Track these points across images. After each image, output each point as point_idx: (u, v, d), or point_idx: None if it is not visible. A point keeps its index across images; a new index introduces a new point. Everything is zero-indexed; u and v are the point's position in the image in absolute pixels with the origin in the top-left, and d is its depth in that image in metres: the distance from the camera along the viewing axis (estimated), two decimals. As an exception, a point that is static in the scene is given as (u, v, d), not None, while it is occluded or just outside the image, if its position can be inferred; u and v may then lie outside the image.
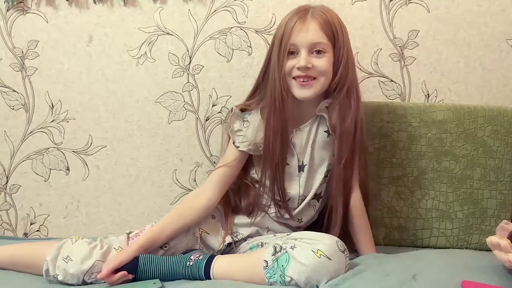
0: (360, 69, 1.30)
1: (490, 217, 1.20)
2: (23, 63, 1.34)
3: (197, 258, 0.99)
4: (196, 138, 1.35)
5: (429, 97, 1.32)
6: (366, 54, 1.31)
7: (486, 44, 1.30)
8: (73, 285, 1.02)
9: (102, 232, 1.36)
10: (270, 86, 1.06)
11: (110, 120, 1.35)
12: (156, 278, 0.98)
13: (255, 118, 1.09)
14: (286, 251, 0.93)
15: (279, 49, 1.04)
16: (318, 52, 1.03)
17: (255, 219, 1.11)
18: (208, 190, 1.09)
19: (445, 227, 1.21)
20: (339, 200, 1.08)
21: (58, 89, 1.34)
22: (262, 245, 1.06)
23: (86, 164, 1.36)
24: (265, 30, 1.30)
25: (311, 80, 1.03)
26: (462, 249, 1.20)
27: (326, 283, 0.89)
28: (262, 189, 1.10)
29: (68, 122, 1.35)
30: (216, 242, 1.10)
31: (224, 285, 0.93)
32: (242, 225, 1.12)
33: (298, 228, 1.13)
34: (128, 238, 1.07)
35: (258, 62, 1.30)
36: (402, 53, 1.31)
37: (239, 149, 1.09)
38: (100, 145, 1.36)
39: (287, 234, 1.03)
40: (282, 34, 1.04)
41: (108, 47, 1.32)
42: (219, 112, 1.33)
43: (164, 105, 1.34)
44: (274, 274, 0.92)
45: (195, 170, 1.36)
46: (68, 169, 1.37)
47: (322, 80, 1.04)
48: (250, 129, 1.08)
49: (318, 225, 1.15)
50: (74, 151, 1.36)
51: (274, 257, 0.93)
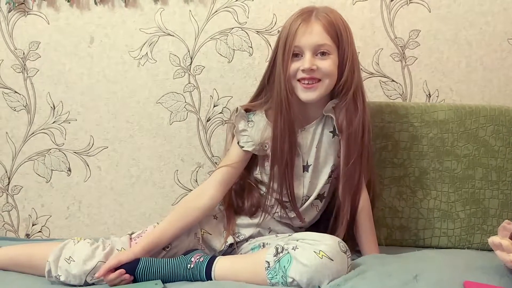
0: (361, 69, 1.30)
1: (492, 217, 1.20)
2: (25, 65, 1.34)
3: (197, 260, 0.98)
4: (197, 138, 1.35)
5: (430, 97, 1.32)
6: (367, 54, 1.31)
7: (488, 43, 1.29)
8: (75, 286, 1.02)
9: (104, 233, 1.36)
10: (276, 88, 1.06)
11: (112, 121, 1.35)
12: (158, 278, 0.98)
13: (260, 119, 1.09)
14: (288, 252, 0.93)
15: (284, 51, 1.03)
16: (323, 54, 1.02)
17: (260, 221, 1.11)
18: (210, 189, 1.08)
19: (447, 227, 1.21)
20: (347, 201, 1.07)
21: (60, 90, 1.34)
22: (264, 245, 1.06)
23: (88, 165, 1.37)
24: (266, 30, 1.30)
25: (316, 82, 1.03)
26: (464, 249, 1.20)
27: (328, 284, 0.89)
28: (269, 189, 1.09)
29: (69, 123, 1.35)
30: (218, 243, 1.10)
31: (226, 285, 0.92)
32: (244, 225, 1.12)
33: (300, 228, 1.13)
34: (130, 239, 1.07)
35: (259, 62, 1.30)
36: (403, 53, 1.31)
37: (244, 149, 1.09)
38: (101, 146, 1.36)
39: (289, 235, 1.03)
40: (286, 36, 1.03)
41: (109, 48, 1.33)
42: (220, 112, 1.34)
43: (165, 105, 1.34)
44: (276, 275, 0.92)
45: (197, 171, 1.36)
46: (69, 170, 1.37)
47: (327, 82, 1.03)
48: (255, 129, 1.08)
49: (321, 226, 1.15)
50: (75, 152, 1.36)
51: (276, 258, 0.93)
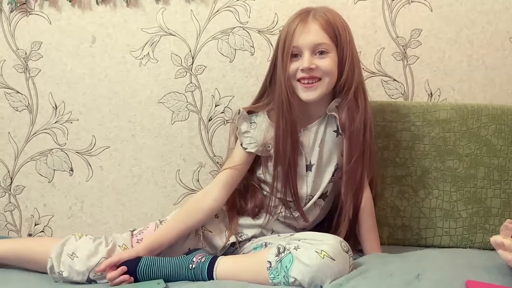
0: (363, 68, 1.30)
1: (494, 216, 1.20)
2: (27, 65, 1.34)
3: (199, 261, 0.99)
4: (199, 138, 1.35)
5: (432, 96, 1.32)
6: (368, 54, 1.30)
7: (490, 42, 1.29)
8: (77, 282, 1.02)
9: (106, 232, 1.34)
10: (277, 89, 1.06)
11: (114, 120, 1.35)
12: (160, 277, 0.98)
13: (262, 120, 1.09)
14: (290, 252, 0.93)
15: (283, 52, 1.04)
16: (321, 52, 1.03)
17: (264, 222, 1.11)
18: (214, 191, 1.09)
19: (449, 226, 1.21)
20: (349, 200, 1.07)
21: (62, 90, 1.35)
22: (266, 245, 1.06)
23: (90, 164, 1.37)
24: (267, 30, 1.30)
25: (316, 82, 1.03)
26: (466, 248, 1.20)
27: (330, 284, 0.89)
28: (272, 190, 1.09)
29: (71, 123, 1.36)
30: (219, 241, 1.10)
31: (227, 285, 0.93)
32: (246, 226, 1.12)
33: (303, 229, 1.13)
34: (132, 235, 1.08)
35: (261, 62, 1.30)
36: (405, 52, 1.31)
37: (247, 150, 1.09)
38: (103, 145, 1.36)
39: (291, 235, 1.03)
40: (285, 37, 1.04)
41: (111, 48, 1.33)
42: (222, 112, 1.34)
43: (167, 105, 1.34)
44: (278, 275, 0.92)
45: (198, 170, 1.36)
46: (71, 170, 1.37)
47: (327, 80, 1.04)
48: (258, 130, 1.09)
49: (324, 224, 1.15)
50: (77, 152, 1.37)
51: (277, 258, 0.93)
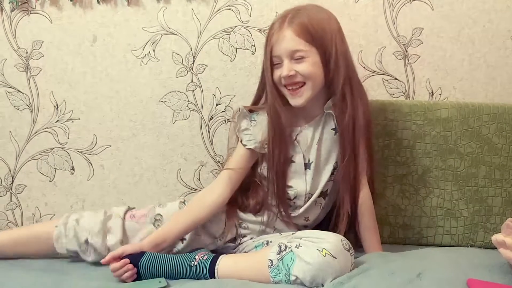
0: (364, 67, 1.30)
1: (495, 215, 1.20)
2: (28, 64, 1.35)
3: (201, 258, 0.99)
4: (200, 137, 1.35)
5: (433, 95, 1.32)
6: (370, 52, 1.30)
7: (491, 41, 1.29)
8: (78, 256, 1.09)
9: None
10: (267, 95, 1.09)
11: (115, 119, 1.35)
12: (160, 277, 0.98)
13: (263, 118, 1.10)
14: (291, 250, 0.93)
15: (265, 60, 1.07)
16: (299, 57, 1.03)
17: (266, 220, 1.11)
18: (218, 187, 1.10)
19: (450, 225, 1.21)
20: (346, 198, 1.08)
21: (63, 89, 1.35)
22: (267, 243, 1.07)
23: (91, 163, 1.37)
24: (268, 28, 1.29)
25: (300, 87, 1.04)
26: (467, 247, 1.20)
27: (331, 282, 0.89)
28: (268, 187, 1.10)
29: (72, 122, 1.36)
30: (218, 229, 1.11)
31: (229, 283, 0.93)
32: (249, 220, 1.13)
33: (305, 227, 1.13)
34: (128, 210, 1.15)
35: (262, 61, 1.30)
36: (406, 51, 1.30)
37: (247, 147, 1.10)
38: (104, 144, 1.36)
39: (292, 233, 1.04)
40: (265, 46, 1.07)
41: (112, 47, 1.33)
42: (223, 111, 1.34)
43: (168, 104, 1.34)
44: (279, 273, 0.92)
45: (199, 169, 1.36)
46: (73, 169, 1.37)
47: (311, 84, 1.04)
48: (258, 128, 1.09)
49: (324, 223, 1.15)
50: (79, 151, 1.37)
51: (279, 256, 0.93)
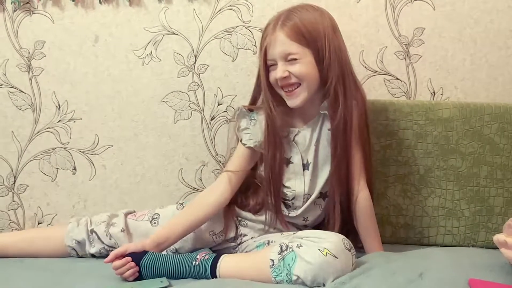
0: (365, 67, 1.30)
1: (497, 215, 1.20)
2: (30, 64, 1.35)
3: (203, 258, 0.99)
4: (201, 137, 1.35)
5: (435, 94, 1.32)
6: (371, 52, 1.30)
7: (493, 41, 1.29)
8: (85, 253, 1.15)
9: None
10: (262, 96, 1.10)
11: (116, 119, 1.35)
12: (162, 276, 0.99)
13: (263, 117, 1.10)
14: (292, 250, 0.93)
15: (260, 61, 1.07)
16: (292, 59, 1.03)
17: (267, 220, 1.11)
18: (219, 186, 1.10)
19: (451, 225, 1.21)
20: (337, 197, 1.08)
21: (65, 89, 1.35)
22: (268, 243, 1.07)
23: (93, 163, 1.37)
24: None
25: (296, 88, 1.04)
26: (469, 247, 1.20)
27: (332, 282, 0.89)
28: (265, 188, 1.11)
29: (74, 122, 1.36)
30: (219, 226, 1.12)
31: (231, 283, 0.93)
32: (250, 219, 1.13)
33: (305, 227, 1.14)
34: (128, 213, 1.19)
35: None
36: (408, 50, 1.30)
37: (246, 146, 1.10)
38: (106, 144, 1.36)
39: (294, 233, 1.04)
40: (259, 48, 1.08)
41: (114, 47, 1.33)
42: (225, 111, 1.34)
43: (169, 104, 1.34)
44: (281, 273, 0.93)
45: (201, 169, 1.36)
46: (75, 168, 1.38)
47: (306, 84, 1.04)
48: (257, 127, 1.10)
49: (325, 224, 1.15)
50: (80, 151, 1.37)
51: (280, 256, 0.94)
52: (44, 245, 1.15)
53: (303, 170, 1.11)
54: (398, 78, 1.32)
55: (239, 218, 1.14)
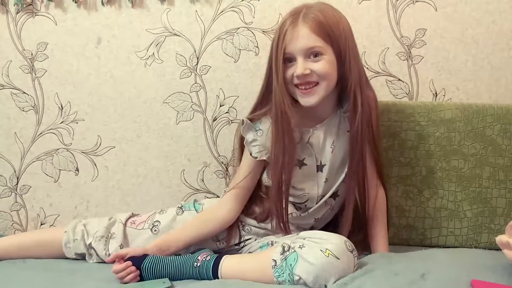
0: (367, 68, 1.30)
1: (499, 216, 1.20)
2: (33, 65, 1.35)
3: (204, 259, 0.99)
4: (203, 138, 1.35)
5: (437, 96, 1.32)
6: (373, 53, 1.30)
7: (495, 42, 1.29)
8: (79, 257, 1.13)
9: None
10: (273, 97, 1.03)
11: (119, 121, 1.36)
12: (165, 276, 0.99)
13: (267, 125, 1.07)
14: (295, 251, 0.93)
15: (276, 59, 1.01)
16: (316, 55, 0.99)
17: (269, 227, 1.11)
18: (228, 203, 1.09)
19: (454, 226, 1.21)
20: (352, 197, 1.07)
21: (67, 90, 1.36)
22: (272, 244, 1.06)
23: (95, 164, 1.37)
24: (272, 30, 1.30)
25: (313, 86, 1.00)
26: (471, 248, 1.19)
27: (334, 283, 0.89)
28: (272, 193, 1.08)
29: (77, 123, 1.36)
30: (222, 233, 1.11)
31: (233, 284, 0.93)
32: (252, 224, 1.12)
33: (312, 228, 1.12)
34: (131, 215, 1.17)
35: (265, 62, 1.29)
36: (410, 52, 1.30)
37: (258, 159, 1.07)
38: (108, 145, 1.37)
39: (297, 234, 1.04)
40: (277, 43, 1.01)
41: (116, 49, 1.33)
42: (227, 112, 1.34)
43: (172, 105, 1.35)
44: (283, 273, 0.92)
45: (203, 170, 1.36)
46: (77, 169, 1.38)
47: (325, 84, 1.00)
48: (264, 136, 1.07)
49: (331, 225, 1.15)
50: (83, 152, 1.37)
51: (282, 256, 0.93)
52: (42, 251, 1.14)
53: (317, 171, 1.09)
54: (400, 79, 1.32)
55: (243, 224, 1.12)
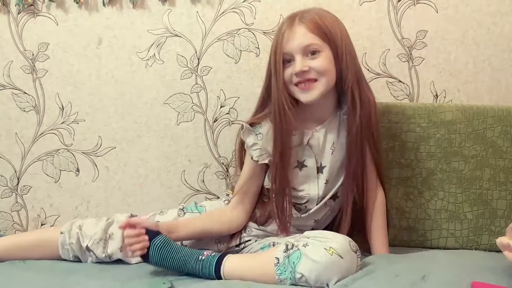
0: (368, 69, 1.30)
1: (499, 218, 1.20)
2: (34, 66, 1.35)
3: (209, 254, 0.99)
4: (204, 139, 1.35)
5: (437, 97, 1.32)
6: (374, 55, 1.31)
7: (496, 44, 1.29)
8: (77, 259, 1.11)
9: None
10: (272, 99, 1.05)
11: (119, 121, 1.36)
12: (167, 262, 0.98)
13: (268, 129, 1.07)
14: (298, 249, 0.92)
15: (275, 61, 1.04)
16: (313, 53, 1.01)
17: (270, 229, 1.10)
18: (236, 210, 1.10)
19: (454, 228, 1.21)
20: (350, 199, 1.07)
21: (68, 91, 1.36)
22: (274, 244, 1.06)
23: (96, 165, 1.37)
24: (273, 31, 1.30)
25: (313, 82, 1.02)
26: (472, 250, 1.19)
27: (335, 284, 0.88)
28: (272, 195, 1.08)
29: (78, 123, 1.36)
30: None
31: (234, 285, 0.93)
32: (253, 226, 1.12)
33: (312, 229, 1.12)
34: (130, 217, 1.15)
35: (266, 63, 1.30)
36: (410, 53, 1.30)
37: (259, 162, 1.08)
38: (109, 146, 1.37)
39: (298, 235, 1.03)
40: (275, 46, 1.04)
41: (117, 49, 1.33)
42: (227, 113, 1.34)
43: (172, 106, 1.35)
44: (285, 271, 0.92)
45: (204, 171, 1.36)
46: (78, 170, 1.38)
47: (324, 80, 1.02)
48: (265, 140, 1.07)
49: (330, 227, 1.15)
50: (84, 153, 1.37)
51: (285, 254, 0.93)
52: (41, 251, 1.13)
53: (317, 173, 1.09)
54: (400, 81, 1.32)
55: (244, 226, 1.12)
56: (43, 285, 0.99)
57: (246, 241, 1.12)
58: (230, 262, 0.98)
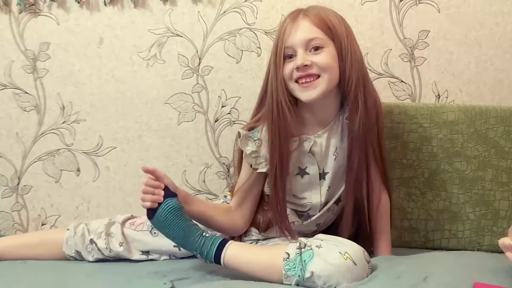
0: (370, 69, 1.30)
1: (502, 218, 1.19)
2: (35, 65, 1.35)
3: (214, 234, 0.97)
4: (205, 139, 1.35)
5: (440, 97, 1.31)
6: (376, 55, 1.30)
7: (498, 44, 1.28)
8: (84, 258, 1.11)
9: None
10: (268, 96, 1.00)
11: (120, 121, 1.36)
12: (170, 227, 0.94)
13: (265, 133, 1.02)
14: (311, 248, 0.90)
15: (276, 55, 0.99)
16: (316, 48, 0.96)
17: (271, 235, 1.08)
18: (239, 212, 1.06)
19: (456, 229, 1.20)
20: (351, 202, 1.05)
21: (69, 90, 1.36)
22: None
23: (97, 165, 1.37)
24: (274, 31, 1.30)
25: (315, 79, 0.96)
26: (474, 251, 1.19)
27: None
28: (271, 202, 1.05)
29: (78, 123, 1.36)
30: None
31: (236, 285, 0.92)
32: (254, 231, 1.10)
33: (314, 232, 1.09)
34: (130, 217, 1.14)
35: (267, 63, 1.30)
36: (413, 53, 1.30)
37: (258, 171, 1.04)
38: (110, 146, 1.37)
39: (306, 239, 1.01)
40: (277, 40, 1.00)
41: (118, 49, 1.33)
42: (229, 113, 1.34)
43: (173, 106, 1.34)
44: (294, 267, 0.88)
45: (205, 171, 1.36)
46: (78, 170, 1.38)
47: (326, 77, 0.96)
48: (263, 146, 1.02)
49: (332, 228, 1.14)
50: (84, 152, 1.37)
51: (298, 250, 0.90)
52: (43, 250, 1.13)
53: (320, 179, 1.05)
54: (403, 81, 1.31)
55: (246, 231, 1.10)
56: (44, 285, 0.99)
57: (247, 242, 1.11)
58: (235, 246, 0.94)
